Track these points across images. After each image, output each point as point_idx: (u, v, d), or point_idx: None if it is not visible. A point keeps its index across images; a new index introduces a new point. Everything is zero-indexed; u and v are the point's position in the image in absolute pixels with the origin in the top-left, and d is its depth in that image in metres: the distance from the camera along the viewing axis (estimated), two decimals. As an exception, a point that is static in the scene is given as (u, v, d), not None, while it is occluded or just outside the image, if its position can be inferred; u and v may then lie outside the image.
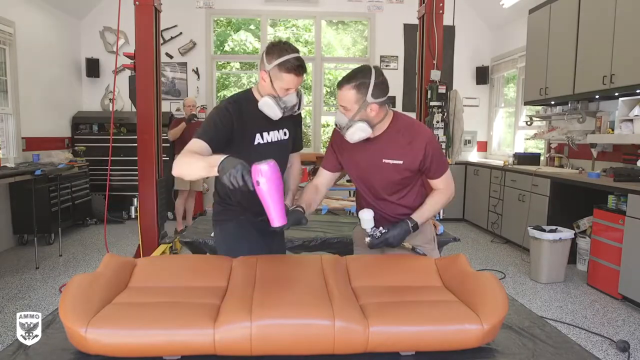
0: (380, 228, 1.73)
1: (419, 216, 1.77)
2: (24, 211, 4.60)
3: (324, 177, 1.90)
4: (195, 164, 1.43)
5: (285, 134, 1.88)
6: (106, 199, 3.90)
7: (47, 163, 4.92)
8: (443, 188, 1.81)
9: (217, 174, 1.33)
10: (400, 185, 1.78)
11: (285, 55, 1.65)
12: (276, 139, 1.84)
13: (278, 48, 1.67)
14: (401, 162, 1.72)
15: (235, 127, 1.70)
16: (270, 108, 1.70)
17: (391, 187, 1.78)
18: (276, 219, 1.36)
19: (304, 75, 1.73)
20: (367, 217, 1.73)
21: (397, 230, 1.72)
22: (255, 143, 1.78)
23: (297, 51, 1.70)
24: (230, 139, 1.69)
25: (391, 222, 1.78)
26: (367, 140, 1.73)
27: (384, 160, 1.73)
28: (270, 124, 1.79)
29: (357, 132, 1.65)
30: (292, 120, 1.89)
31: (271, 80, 1.69)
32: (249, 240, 1.86)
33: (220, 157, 1.34)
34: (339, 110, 1.69)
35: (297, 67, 1.66)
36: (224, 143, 1.66)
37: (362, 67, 1.67)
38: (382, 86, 1.64)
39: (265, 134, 1.80)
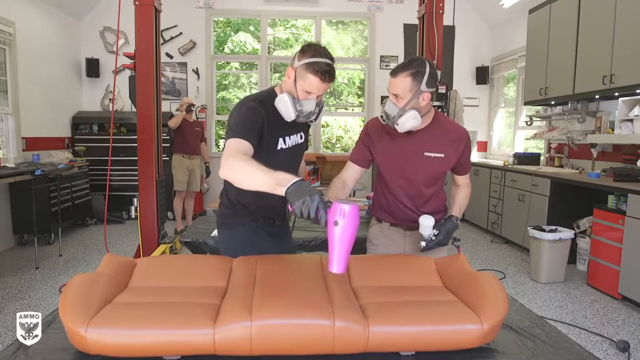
0: (434, 231, 1.73)
1: (457, 212, 1.89)
2: (24, 211, 4.61)
3: (353, 170, 1.88)
4: (257, 176, 1.29)
5: (301, 137, 1.84)
6: (106, 199, 3.90)
7: (47, 163, 4.91)
8: (467, 183, 1.95)
9: (282, 194, 1.21)
10: (437, 178, 1.84)
11: (318, 57, 1.57)
12: (294, 143, 1.79)
13: (313, 48, 1.59)
14: (442, 155, 1.77)
15: (264, 129, 1.62)
16: (285, 106, 1.61)
17: (430, 180, 1.82)
18: (336, 266, 1.21)
19: (329, 86, 1.64)
20: (429, 223, 1.72)
21: (446, 228, 1.76)
22: (278, 148, 1.71)
23: (333, 60, 1.61)
24: (259, 142, 1.60)
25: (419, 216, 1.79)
26: (409, 133, 1.75)
27: (425, 154, 1.77)
28: (290, 128, 1.73)
29: (409, 121, 1.66)
30: (306, 123, 1.84)
31: (295, 79, 1.61)
32: (261, 245, 1.79)
33: (290, 177, 1.22)
34: (388, 100, 1.69)
35: (325, 72, 1.57)
36: (256, 145, 1.56)
37: (416, 57, 1.70)
38: (434, 77, 1.67)
39: (287, 138, 1.73)
